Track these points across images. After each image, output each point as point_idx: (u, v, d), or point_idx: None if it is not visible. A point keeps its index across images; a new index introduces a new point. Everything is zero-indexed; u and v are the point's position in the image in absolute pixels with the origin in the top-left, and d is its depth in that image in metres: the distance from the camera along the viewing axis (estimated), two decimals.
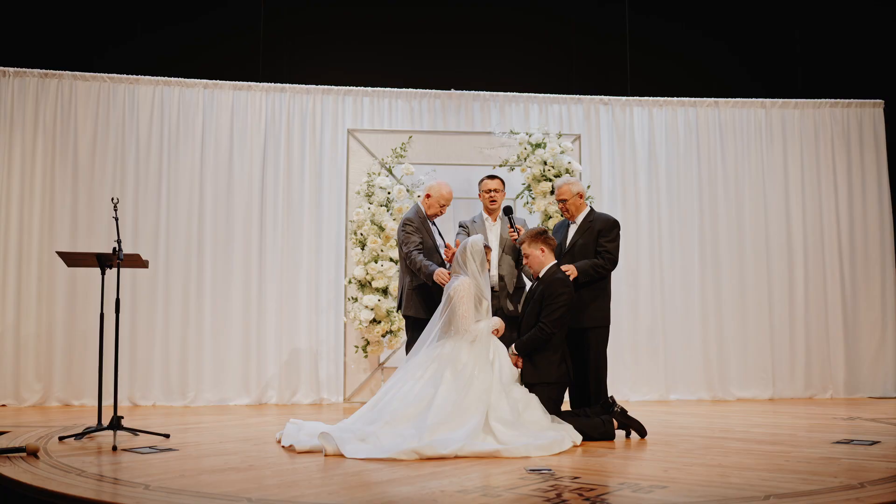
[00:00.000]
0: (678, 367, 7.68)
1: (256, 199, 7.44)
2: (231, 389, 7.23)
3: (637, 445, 4.61)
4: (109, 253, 4.90)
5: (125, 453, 4.22)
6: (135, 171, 7.29)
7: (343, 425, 4.53)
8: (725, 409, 6.90)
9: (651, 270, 7.77)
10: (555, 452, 4.22)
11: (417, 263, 5.22)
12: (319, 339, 7.40)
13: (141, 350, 7.13)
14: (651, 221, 7.84)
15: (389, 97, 7.72)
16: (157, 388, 7.12)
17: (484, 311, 4.88)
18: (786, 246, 7.91)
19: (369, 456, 4.05)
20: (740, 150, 8.01)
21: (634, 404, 7.19)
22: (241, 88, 7.54)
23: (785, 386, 7.76)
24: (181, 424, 5.67)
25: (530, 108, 7.84)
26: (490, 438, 4.30)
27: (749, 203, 7.93)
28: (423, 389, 4.56)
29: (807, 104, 8.12)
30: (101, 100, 7.31)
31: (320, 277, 7.44)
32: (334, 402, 7.30)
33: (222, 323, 7.28)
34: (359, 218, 7.05)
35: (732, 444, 4.61)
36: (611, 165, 7.87)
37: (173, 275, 7.24)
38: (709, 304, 7.78)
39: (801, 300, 7.85)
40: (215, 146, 7.44)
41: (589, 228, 5.26)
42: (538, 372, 4.85)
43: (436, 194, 5.47)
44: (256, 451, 4.37)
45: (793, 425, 5.57)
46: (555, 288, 4.88)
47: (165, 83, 7.42)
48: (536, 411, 4.64)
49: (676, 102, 8.02)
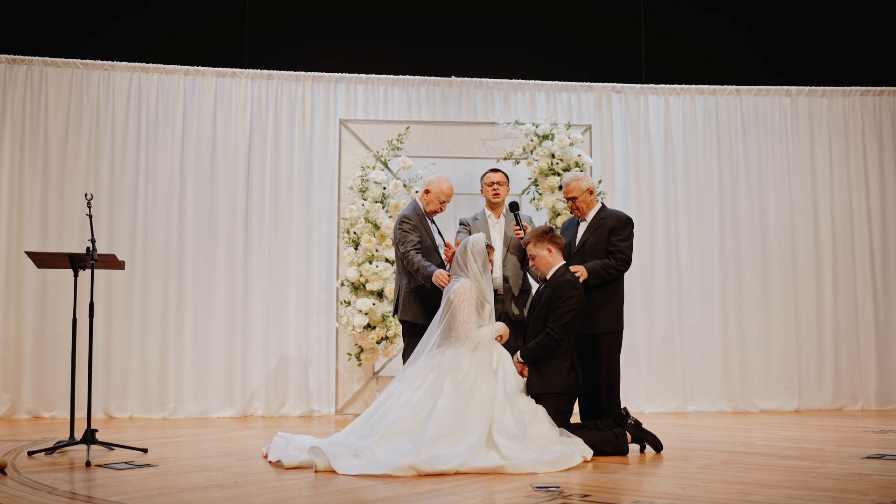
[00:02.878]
0: (696, 377, 7.68)
1: (241, 195, 7.45)
2: (214, 400, 7.23)
3: (652, 461, 4.61)
4: (83, 253, 4.90)
5: (99, 469, 4.22)
6: (110, 164, 7.28)
7: (335, 439, 4.54)
8: (747, 421, 6.90)
9: (667, 271, 7.77)
10: (563, 468, 4.22)
11: (415, 264, 5.22)
12: (309, 345, 7.40)
13: (116, 358, 7.13)
14: (667, 219, 7.84)
15: (385, 85, 7.72)
16: (133, 398, 7.12)
17: (486, 316, 4.89)
18: (813, 245, 7.91)
19: (363, 472, 4.05)
20: (764, 142, 8.01)
21: (649, 416, 7.19)
22: (225, 75, 7.54)
23: (812, 396, 7.75)
24: (160, 438, 5.67)
25: (537, 96, 7.84)
26: (493, 453, 4.31)
27: (773, 199, 7.93)
28: (422, 400, 4.57)
29: (836, 92, 8.12)
30: (73, 88, 7.30)
31: (310, 279, 7.45)
32: (325, 414, 7.30)
33: (204, 328, 7.28)
34: (352, 215, 7.06)
35: (755, 459, 4.61)
36: (624, 158, 7.87)
37: (152, 276, 7.24)
38: (729, 307, 7.78)
39: (830, 304, 7.85)
40: (197, 138, 7.44)
41: (600, 226, 5.27)
42: (545, 381, 4.85)
43: (435, 189, 5.48)
44: (241, 466, 4.37)
45: (820, 439, 5.58)
46: (563, 291, 4.88)
47: (143, 70, 7.42)
48: (543, 424, 4.64)
49: (695, 90, 8.02)
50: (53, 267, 5.12)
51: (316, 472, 4.14)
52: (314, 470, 4.16)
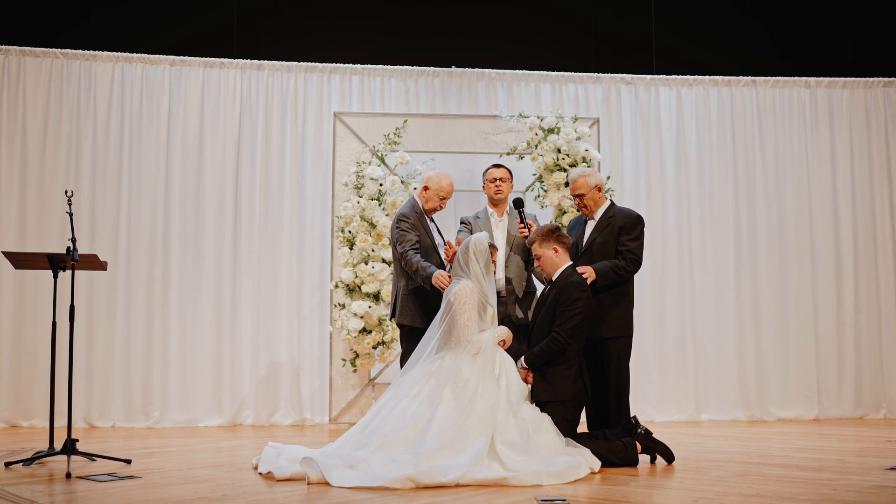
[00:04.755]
0: (710, 384, 7.69)
1: (230, 193, 7.45)
2: (201, 408, 7.23)
3: (663, 472, 4.61)
4: (63, 253, 4.91)
5: (80, 481, 4.23)
6: (92, 159, 7.29)
7: (329, 449, 4.55)
8: (764, 430, 6.91)
9: (679, 273, 7.78)
10: (570, 480, 4.23)
11: (413, 265, 5.23)
12: (302, 351, 7.40)
13: (98, 364, 7.13)
14: (679, 217, 7.85)
15: (382, 76, 7.72)
16: (116, 406, 7.12)
17: (489, 320, 4.89)
18: (833, 245, 7.91)
19: (358, 484, 4.05)
20: (781, 136, 8.02)
21: (660, 425, 7.19)
22: (213, 66, 7.54)
23: (832, 405, 7.76)
24: (144, 448, 5.67)
25: (542, 87, 7.84)
26: (496, 464, 4.32)
27: (791, 196, 7.93)
28: (420, 409, 4.57)
29: (857, 83, 8.12)
30: (53, 79, 7.31)
31: (303, 281, 7.45)
32: (318, 423, 7.31)
33: (191, 333, 7.28)
34: (347, 213, 7.06)
35: (772, 470, 4.62)
36: (634, 153, 7.88)
37: (135, 278, 7.25)
38: (745, 311, 7.79)
39: (851, 307, 7.85)
40: (183, 132, 7.44)
41: (609, 225, 5.27)
42: (551, 388, 4.86)
43: (434, 186, 5.48)
44: (230, 478, 4.38)
45: (841, 449, 5.58)
46: (570, 293, 4.88)
47: (127, 60, 7.43)
48: (549, 433, 4.64)
49: (708, 81, 8.02)
50: (32, 268, 5.12)
51: (309, 484, 4.13)
52: (307, 482, 4.16)
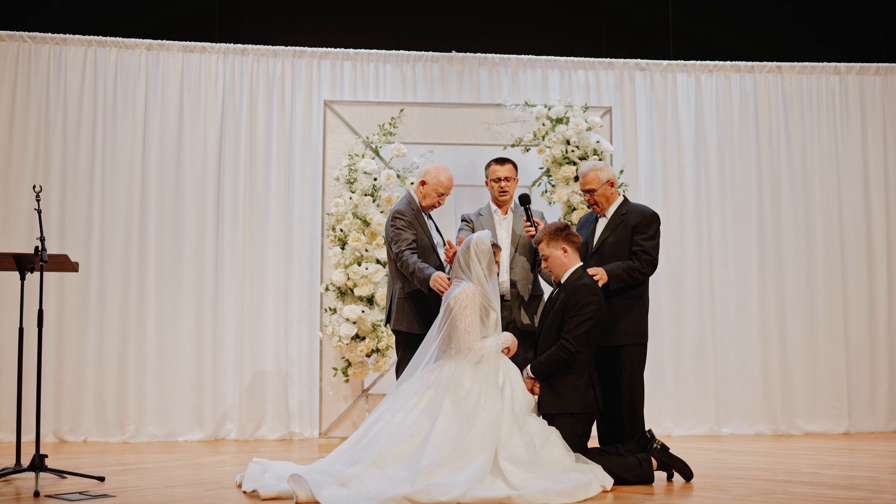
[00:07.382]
0: (732, 395, 7.69)
1: (212, 188, 7.45)
2: (180, 422, 7.23)
3: (681, 490, 4.61)
4: (30, 253, 4.90)
5: (50, 500, 4.22)
6: (62, 151, 7.29)
7: (318, 466, 4.54)
8: (790, 445, 6.91)
9: (698, 275, 7.78)
10: (580, 499, 4.23)
11: (410, 266, 5.22)
12: (289, 359, 7.40)
13: (69, 373, 7.13)
14: (698, 215, 7.85)
15: (376, 61, 7.72)
16: (89, 419, 7.12)
17: (492, 325, 4.89)
18: (865, 246, 7.92)
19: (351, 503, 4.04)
20: (809, 127, 8.02)
21: (677, 440, 7.19)
22: (193, 50, 7.54)
23: (863, 418, 7.77)
24: (119, 465, 5.66)
25: (550, 74, 7.84)
26: (500, 482, 4.31)
27: (819, 192, 7.93)
28: (418, 422, 4.57)
29: (891, 69, 8.13)
30: (20, 64, 7.30)
31: (290, 283, 7.45)
32: (308, 438, 7.31)
33: (169, 339, 7.28)
34: (338, 210, 7.06)
35: (799, 489, 4.62)
36: (649, 145, 7.88)
37: (109, 280, 7.25)
38: (770, 317, 7.79)
39: (884, 313, 7.85)
40: (161, 122, 7.44)
41: (622, 223, 5.27)
42: (559, 400, 4.85)
43: (433, 181, 5.48)
44: (211, 497, 4.37)
45: (873, 466, 5.58)
46: (580, 296, 4.88)
47: (100, 44, 7.42)
48: (557, 449, 4.64)
49: (730, 67, 8.03)
50: None
51: (297, 503, 4.13)
52: (295, 501, 4.15)
